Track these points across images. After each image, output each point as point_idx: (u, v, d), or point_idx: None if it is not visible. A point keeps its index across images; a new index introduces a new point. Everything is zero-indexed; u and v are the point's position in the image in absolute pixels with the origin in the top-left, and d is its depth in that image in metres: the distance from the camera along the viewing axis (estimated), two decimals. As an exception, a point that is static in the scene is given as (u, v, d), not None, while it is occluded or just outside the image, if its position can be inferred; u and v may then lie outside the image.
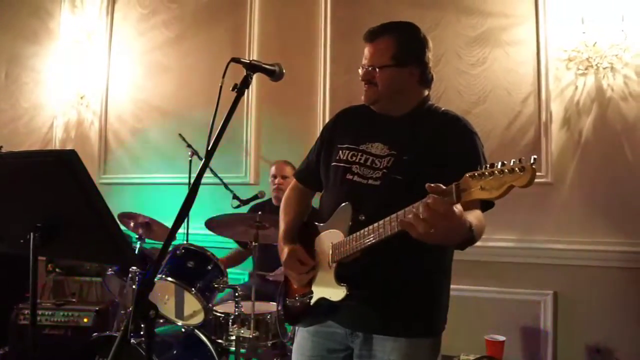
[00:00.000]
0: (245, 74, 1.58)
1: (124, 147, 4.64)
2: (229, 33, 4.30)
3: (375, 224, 1.54)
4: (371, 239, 1.56)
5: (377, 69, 1.76)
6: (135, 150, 4.57)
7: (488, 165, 1.27)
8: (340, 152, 1.85)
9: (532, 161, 1.20)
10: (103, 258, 2.15)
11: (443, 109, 1.83)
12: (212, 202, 3.68)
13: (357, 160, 1.79)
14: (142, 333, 2.64)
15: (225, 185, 3.68)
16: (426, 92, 1.85)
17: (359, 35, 1.85)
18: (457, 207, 1.36)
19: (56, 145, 4.89)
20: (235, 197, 3.64)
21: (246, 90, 1.59)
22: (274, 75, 1.67)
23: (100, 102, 4.76)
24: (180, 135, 3.95)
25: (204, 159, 1.49)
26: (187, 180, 3.86)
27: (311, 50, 4.01)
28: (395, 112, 1.82)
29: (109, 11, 4.88)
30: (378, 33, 1.79)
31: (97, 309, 3.82)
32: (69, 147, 4.85)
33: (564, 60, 3.36)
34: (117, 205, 4.49)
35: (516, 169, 1.21)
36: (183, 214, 1.42)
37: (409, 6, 3.68)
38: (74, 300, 3.95)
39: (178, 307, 2.98)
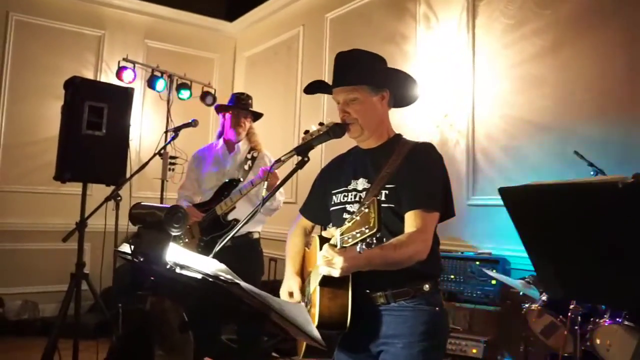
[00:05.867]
0: None
1: (495, 167, 4.37)
2: (622, 33, 3.73)
3: None
4: None
5: None
6: (509, 170, 4.24)
7: None
8: None
9: None
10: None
11: None
12: None
13: None
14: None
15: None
16: None
17: None
18: None
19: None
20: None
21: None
22: None
23: (466, 120, 4.60)
24: (576, 152, 3.51)
25: None
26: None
27: None
28: None
29: (470, 27, 4.73)
30: None
31: (486, 339, 3.63)
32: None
33: None
34: (485, 228, 4.29)
35: None
36: None
37: None
38: (459, 328, 3.83)
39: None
